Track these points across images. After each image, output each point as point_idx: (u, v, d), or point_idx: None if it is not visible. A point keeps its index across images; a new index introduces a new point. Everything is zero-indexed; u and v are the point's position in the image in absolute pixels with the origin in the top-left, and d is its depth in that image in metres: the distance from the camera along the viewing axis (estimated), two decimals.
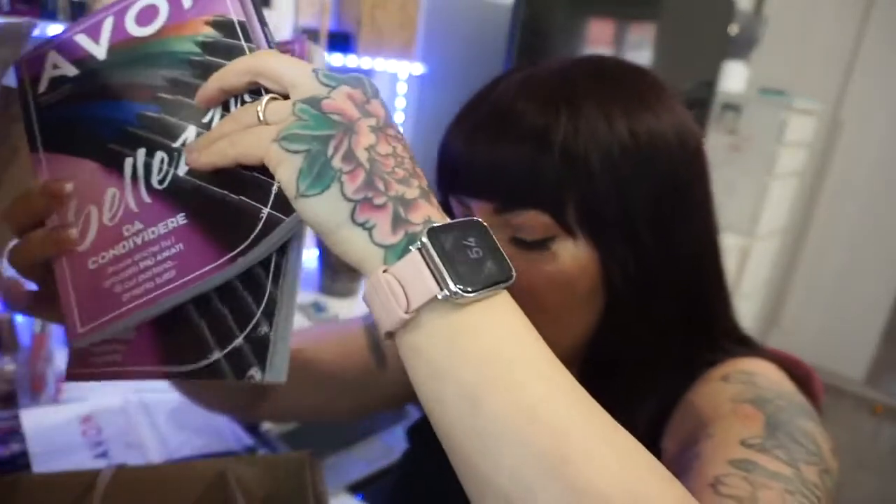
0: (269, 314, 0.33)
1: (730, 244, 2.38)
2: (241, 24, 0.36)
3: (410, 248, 0.30)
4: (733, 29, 2.33)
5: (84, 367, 0.41)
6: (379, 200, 0.30)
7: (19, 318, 0.93)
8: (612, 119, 0.46)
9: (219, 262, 0.34)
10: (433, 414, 0.30)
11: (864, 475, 2.39)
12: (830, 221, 3.01)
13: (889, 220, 2.86)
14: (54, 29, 0.95)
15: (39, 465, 0.68)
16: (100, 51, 0.40)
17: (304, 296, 1.44)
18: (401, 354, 0.31)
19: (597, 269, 0.48)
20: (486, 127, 0.48)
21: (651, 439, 0.50)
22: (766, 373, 0.49)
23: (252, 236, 0.33)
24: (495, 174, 0.47)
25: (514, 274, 0.31)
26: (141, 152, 0.38)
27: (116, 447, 0.72)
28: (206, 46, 0.37)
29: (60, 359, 0.93)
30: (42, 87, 0.41)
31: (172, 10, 0.38)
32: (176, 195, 0.36)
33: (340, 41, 1.38)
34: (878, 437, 2.78)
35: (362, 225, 0.30)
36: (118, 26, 0.40)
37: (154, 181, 0.37)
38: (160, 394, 0.91)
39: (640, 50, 1.93)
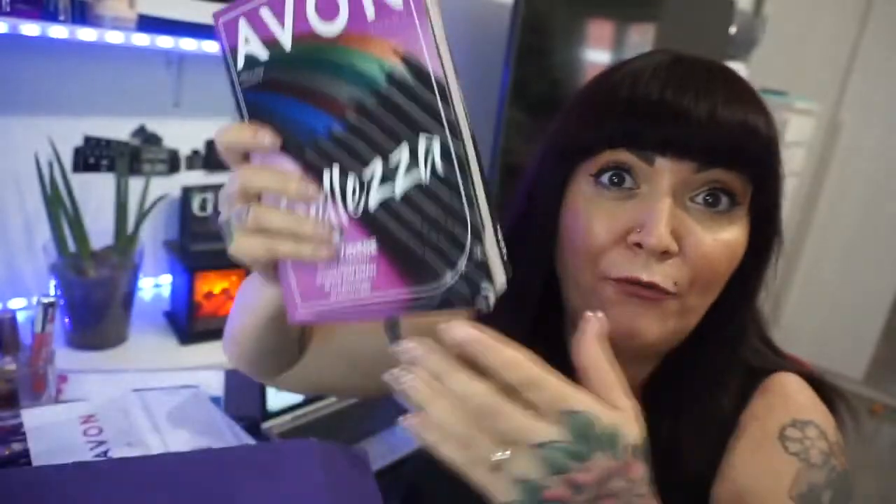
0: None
1: None
2: (439, 83, 0.34)
3: None
4: (733, 29, 2.33)
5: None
6: None
7: (21, 318, 0.93)
8: (766, 113, 0.50)
9: (399, 302, 0.38)
10: None
11: (863, 475, 2.39)
12: (829, 221, 3.01)
13: (888, 220, 2.86)
14: (56, 30, 0.95)
15: (40, 465, 0.68)
16: (285, 38, 0.40)
17: None
18: None
19: (743, 248, 0.50)
20: (698, 99, 0.46)
21: (716, 448, 0.53)
22: (815, 418, 0.51)
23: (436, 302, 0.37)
24: (733, 135, 0.47)
25: None
26: (336, 168, 0.39)
27: (117, 447, 0.72)
28: (393, 81, 0.36)
29: (61, 358, 0.93)
30: (240, 62, 0.42)
31: (353, 12, 0.37)
32: (370, 224, 0.38)
33: None
34: (876, 437, 2.78)
35: None
36: (299, 12, 0.39)
37: (349, 207, 0.39)
38: (160, 394, 0.91)
39: (640, 50, 1.93)
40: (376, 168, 0.37)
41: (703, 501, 0.52)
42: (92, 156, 1.19)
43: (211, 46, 1.14)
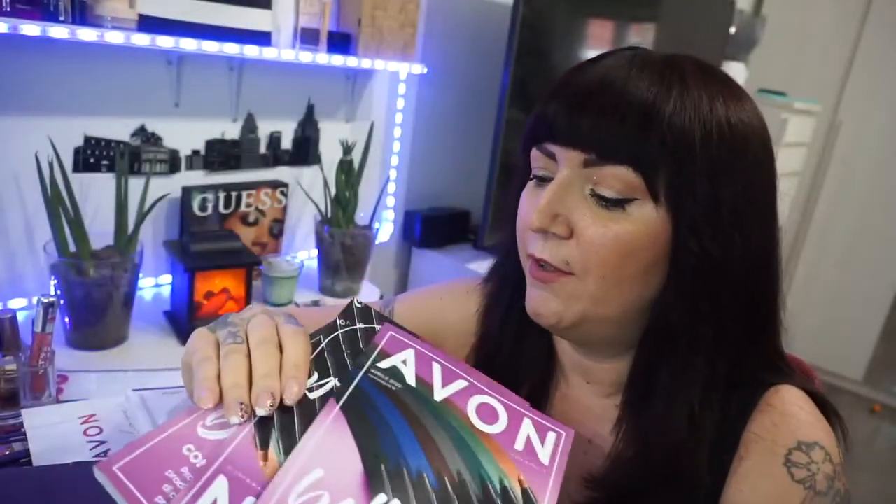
0: None
1: None
2: None
3: None
4: (733, 29, 2.33)
5: None
6: None
7: (21, 318, 0.93)
8: (714, 104, 0.49)
9: None
10: None
11: (863, 475, 2.39)
12: (829, 222, 3.01)
13: (887, 219, 2.86)
14: (56, 30, 0.95)
15: (41, 464, 0.68)
16: (437, 392, 0.44)
17: (304, 296, 1.44)
18: None
19: (666, 240, 0.50)
20: (599, 89, 0.50)
21: (717, 461, 0.52)
22: (820, 439, 0.51)
23: None
24: (602, 128, 0.48)
25: None
26: (391, 500, 0.36)
27: (117, 447, 0.72)
28: (506, 495, 0.38)
29: (61, 358, 0.93)
30: (384, 363, 0.44)
31: (507, 430, 0.42)
32: None
33: (340, 41, 1.38)
34: (876, 437, 2.78)
35: None
36: (463, 393, 0.44)
37: None
38: (160, 394, 0.91)
39: None
40: None
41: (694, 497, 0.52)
42: (92, 156, 1.19)
43: (211, 46, 1.14)
